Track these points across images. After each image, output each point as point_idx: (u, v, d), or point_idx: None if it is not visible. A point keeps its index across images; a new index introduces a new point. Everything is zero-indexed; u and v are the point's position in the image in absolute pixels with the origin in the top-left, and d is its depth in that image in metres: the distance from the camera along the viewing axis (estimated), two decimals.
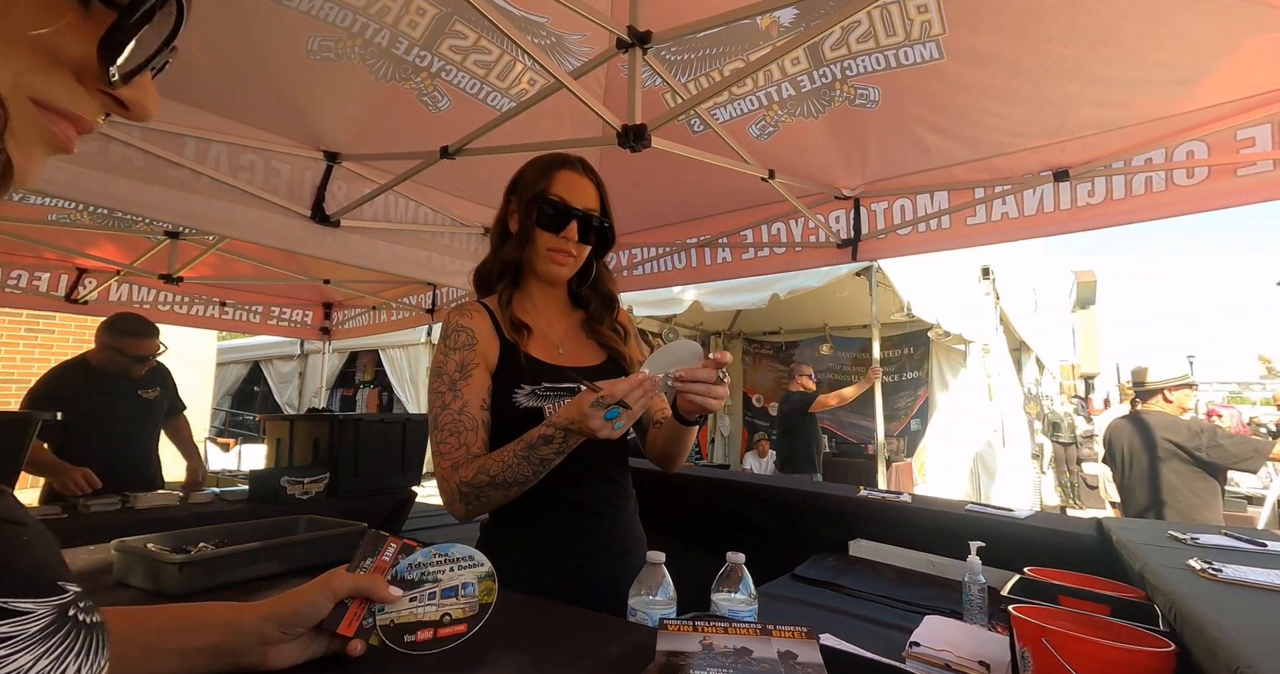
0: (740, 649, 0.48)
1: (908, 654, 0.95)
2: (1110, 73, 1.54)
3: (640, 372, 0.83)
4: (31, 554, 0.27)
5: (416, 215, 2.35)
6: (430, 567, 0.58)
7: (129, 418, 2.35)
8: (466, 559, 0.60)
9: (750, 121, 2.08)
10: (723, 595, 0.79)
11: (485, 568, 0.60)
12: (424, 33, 1.76)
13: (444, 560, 0.59)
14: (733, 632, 0.51)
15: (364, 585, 0.54)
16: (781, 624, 0.52)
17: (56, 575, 0.27)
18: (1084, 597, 0.95)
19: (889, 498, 1.78)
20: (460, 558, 0.60)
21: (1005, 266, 5.39)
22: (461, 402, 0.94)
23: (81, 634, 0.27)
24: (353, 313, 4.34)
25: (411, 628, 0.55)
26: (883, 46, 1.74)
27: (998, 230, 2.01)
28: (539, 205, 1.00)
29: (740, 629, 0.52)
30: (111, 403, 2.31)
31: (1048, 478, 6.91)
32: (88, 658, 0.27)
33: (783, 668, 0.45)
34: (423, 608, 0.56)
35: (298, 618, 0.52)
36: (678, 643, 0.50)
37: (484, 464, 0.88)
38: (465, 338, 0.98)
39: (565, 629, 0.63)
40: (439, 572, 0.58)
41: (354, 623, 0.53)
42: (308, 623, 0.53)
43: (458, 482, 0.89)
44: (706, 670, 0.45)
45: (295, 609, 0.52)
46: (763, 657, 0.47)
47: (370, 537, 0.59)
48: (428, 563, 0.58)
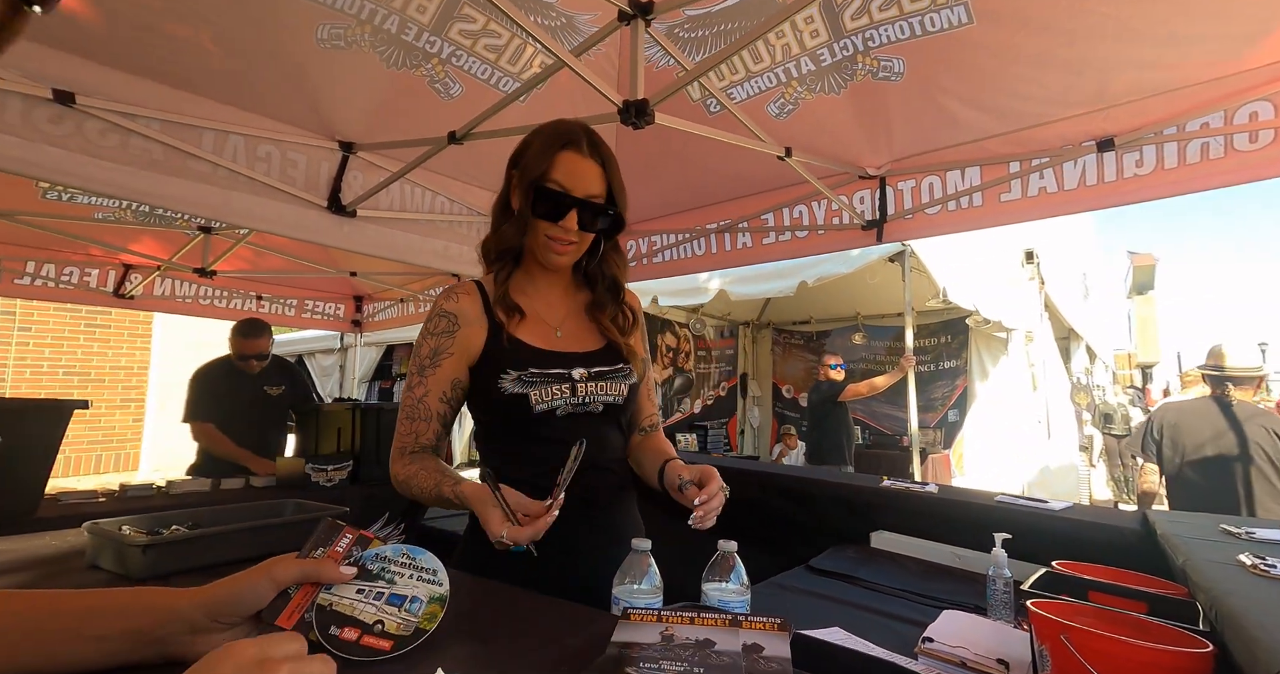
0: (703, 641, 0.45)
1: (920, 650, 0.90)
2: (1159, 30, 1.41)
3: (546, 506, 0.78)
4: None
5: (433, 205, 2.37)
6: (393, 565, 0.55)
7: (252, 411, 2.70)
8: (429, 572, 0.57)
9: (768, 100, 2.00)
10: (713, 585, 0.75)
11: (442, 590, 0.56)
12: (432, 17, 1.75)
13: (408, 564, 0.56)
14: (699, 622, 0.48)
15: (311, 569, 0.51)
16: (755, 616, 0.49)
17: None
18: (1118, 593, 0.88)
19: (913, 488, 1.70)
20: (425, 569, 0.57)
21: (1051, 250, 5.10)
22: (424, 389, 0.96)
23: None
24: (382, 305, 4.44)
25: (341, 621, 0.52)
26: (906, 13, 1.64)
27: (1036, 206, 1.88)
28: (537, 193, 0.94)
29: (708, 620, 0.48)
30: (239, 397, 2.68)
31: (1098, 472, 6.58)
32: None
33: (742, 661, 0.41)
34: (364, 604, 0.53)
35: (234, 606, 0.48)
36: (636, 634, 0.47)
37: (413, 476, 0.92)
38: (445, 324, 0.96)
39: (527, 618, 0.61)
40: (398, 574, 0.55)
41: (295, 615, 0.50)
42: (245, 612, 0.49)
43: (394, 471, 0.96)
44: (656, 664, 0.41)
45: (232, 595, 0.49)
46: (724, 650, 0.43)
47: (326, 524, 0.56)
48: (394, 559, 0.56)
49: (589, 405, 0.97)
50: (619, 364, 1.01)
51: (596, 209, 0.96)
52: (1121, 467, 6.90)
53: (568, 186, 0.94)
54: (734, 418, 7.32)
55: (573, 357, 0.98)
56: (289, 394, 2.81)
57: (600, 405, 0.98)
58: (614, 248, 1.05)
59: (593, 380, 0.97)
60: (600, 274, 1.05)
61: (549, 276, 1.04)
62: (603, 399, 0.98)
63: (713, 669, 0.40)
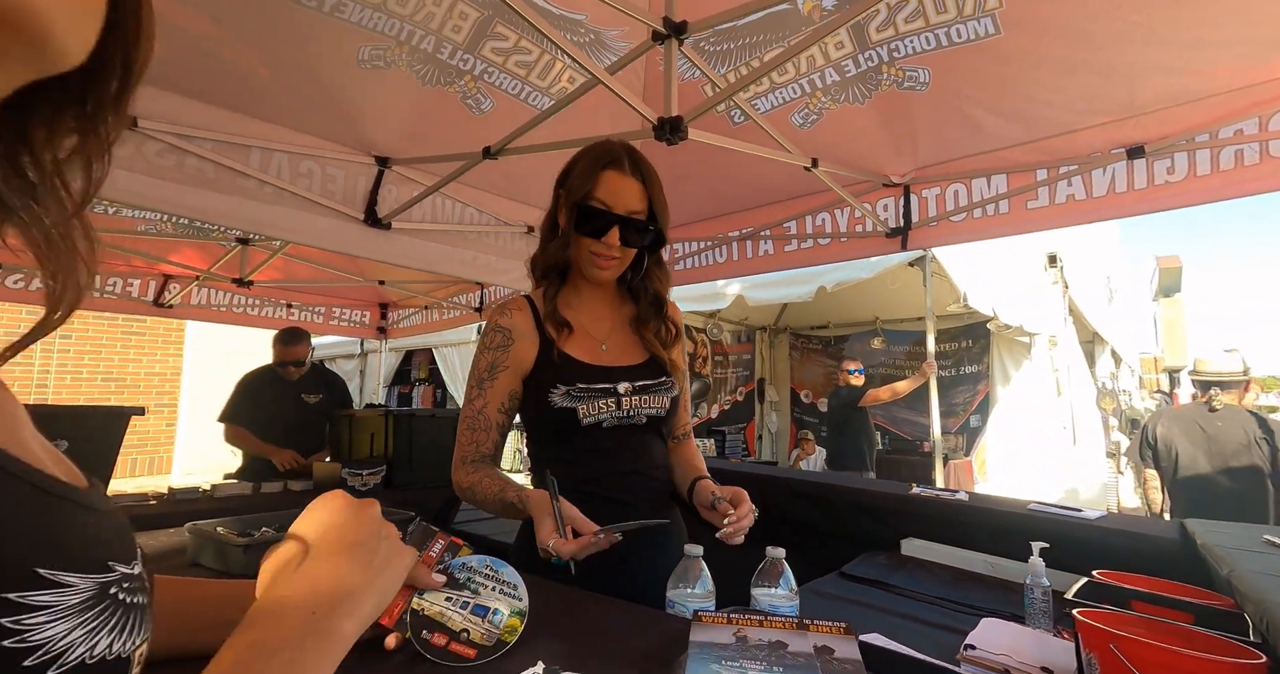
0: (775, 642, 0.47)
1: (962, 657, 0.91)
2: (1188, 37, 1.41)
3: (599, 535, 0.80)
4: (87, 535, 0.29)
5: (463, 216, 2.42)
6: (478, 575, 0.59)
7: (291, 417, 2.84)
8: (511, 587, 0.60)
9: (793, 110, 2.03)
10: (763, 590, 0.78)
11: (522, 604, 0.60)
12: (467, 36, 1.80)
13: (491, 577, 0.60)
14: (768, 625, 0.50)
15: (411, 574, 0.53)
16: (819, 620, 0.51)
17: (110, 556, 0.29)
18: (1163, 603, 0.88)
19: (944, 496, 1.70)
20: (506, 582, 0.60)
21: (1075, 254, 5.04)
22: (484, 401, 1.00)
23: (119, 612, 0.29)
24: (407, 313, 4.52)
25: (432, 626, 0.55)
26: (933, 25, 1.65)
27: (1063, 214, 1.88)
28: (580, 211, 0.99)
29: (776, 623, 0.51)
30: (279, 403, 2.84)
31: (1125, 478, 6.44)
32: (121, 635, 0.28)
33: (818, 662, 0.44)
34: (452, 612, 0.56)
35: None
36: (711, 635, 0.50)
37: (477, 483, 0.96)
38: (500, 339, 1.01)
39: (601, 619, 0.64)
40: (482, 585, 0.59)
41: (395, 613, 0.54)
42: None
43: (457, 478, 1.00)
44: (738, 663, 0.44)
45: None
46: (798, 651, 0.46)
47: (420, 529, 0.60)
48: (479, 570, 0.59)
49: (633, 418, 1.00)
50: (662, 377, 1.04)
51: (637, 225, 1.00)
52: None
53: (610, 204, 0.98)
54: (751, 423, 7.30)
55: (618, 371, 1.01)
56: (326, 402, 2.93)
57: (644, 417, 1.01)
58: (657, 262, 1.09)
59: (637, 394, 1.01)
60: (643, 288, 1.09)
61: (594, 291, 1.08)
62: (646, 412, 1.01)
63: (790, 669, 0.43)
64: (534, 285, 1.09)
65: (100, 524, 0.30)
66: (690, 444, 1.16)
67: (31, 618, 0.24)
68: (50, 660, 0.25)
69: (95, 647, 0.27)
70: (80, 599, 0.27)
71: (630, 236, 1.00)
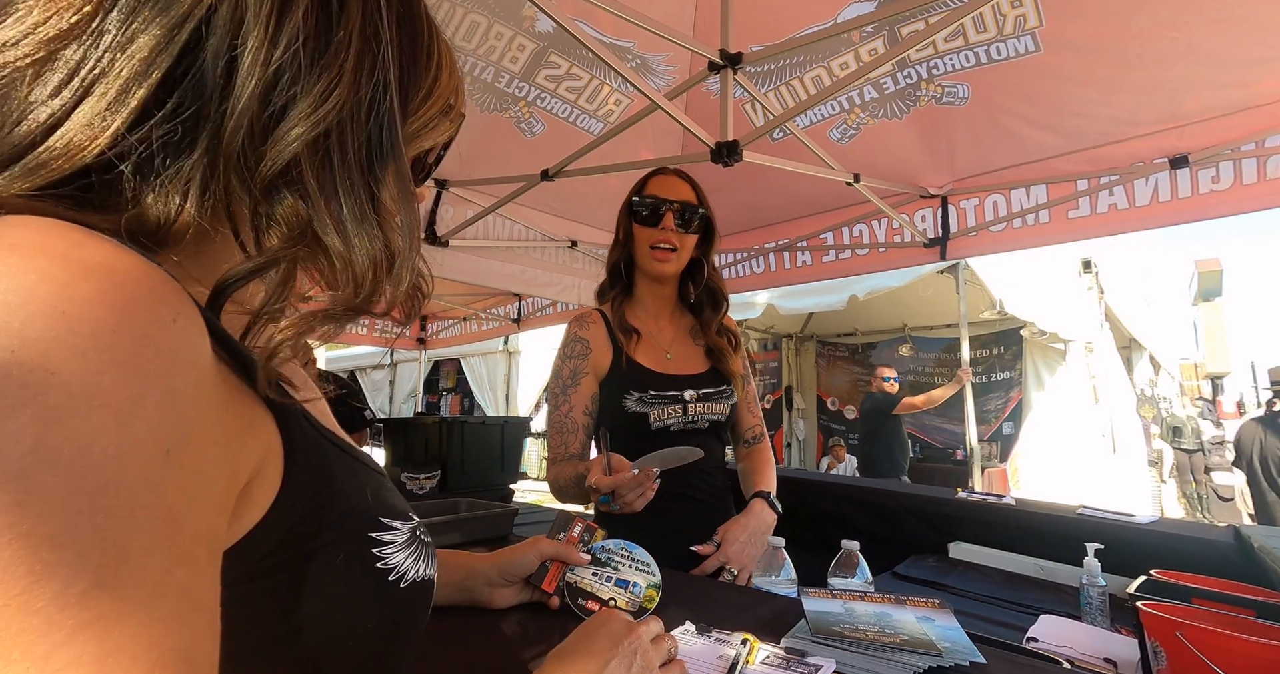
0: (879, 613, 0.54)
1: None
2: (1231, 53, 1.45)
3: (632, 472, 0.87)
4: (395, 495, 0.41)
5: (511, 232, 2.54)
6: (616, 556, 0.70)
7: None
8: (644, 565, 0.71)
9: (831, 126, 2.10)
10: (840, 580, 0.84)
11: (656, 579, 0.70)
12: (523, 66, 1.92)
13: (627, 557, 0.71)
14: (869, 599, 0.57)
15: (562, 551, 0.67)
16: (914, 597, 0.58)
17: (407, 510, 0.41)
18: (1223, 599, 0.92)
19: (990, 500, 1.74)
20: (640, 561, 0.71)
21: (1110, 259, 4.97)
22: (569, 406, 1.09)
23: (424, 547, 0.41)
24: (446, 323, 4.67)
25: (585, 595, 0.67)
26: (972, 44, 1.71)
27: (1105, 223, 1.91)
28: (634, 205, 1.10)
29: (875, 598, 0.57)
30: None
31: (1169, 488, 6.27)
32: (428, 563, 0.40)
33: (923, 625, 0.51)
34: (599, 585, 0.67)
35: (515, 569, 0.66)
36: (822, 605, 0.57)
37: (560, 473, 1.04)
38: (580, 348, 1.10)
39: (721, 595, 0.72)
40: (620, 563, 0.70)
41: (553, 582, 0.66)
42: (521, 574, 0.67)
43: (549, 477, 1.09)
44: (853, 626, 0.51)
45: (513, 561, 0.67)
46: (901, 618, 0.52)
47: (562, 516, 0.73)
48: (616, 551, 0.70)
49: (697, 423, 1.09)
50: (723, 386, 1.13)
51: (689, 208, 1.10)
52: (1194, 482, 6.56)
53: (660, 195, 1.10)
54: (779, 431, 7.30)
55: (684, 379, 1.10)
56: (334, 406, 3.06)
57: (706, 422, 1.10)
58: (713, 266, 1.20)
59: (701, 401, 1.09)
60: (706, 293, 1.18)
61: (657, 303, 1.17)
62: (709, 417, 1.09)
63: (900, 631, 0.49)
64: (599, 303, 1.19)
65: (391, 486, 0.42)
66: (761, 450, 1.23)
67: (384, 550, 0.36)
68: (400, 577, 0.37)
69: (420, 571, 0.39)
70: (404, 538, 0.38)
71: (683, 221, 1.10)
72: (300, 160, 0.30)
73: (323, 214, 0.31)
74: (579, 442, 1.08)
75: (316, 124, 0.30)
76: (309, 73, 0.30)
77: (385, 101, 0.33)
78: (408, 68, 0.35)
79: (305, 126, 0.29)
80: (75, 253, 0.24)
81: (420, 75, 0.36)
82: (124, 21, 0.27)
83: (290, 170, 0.30)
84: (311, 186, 0.30)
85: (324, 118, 0.30)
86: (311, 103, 0.30)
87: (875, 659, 0.47)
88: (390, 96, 0.33)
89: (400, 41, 0.34)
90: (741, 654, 0.49)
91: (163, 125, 0.27)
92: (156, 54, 0.27)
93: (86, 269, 0.23)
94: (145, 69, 0.27)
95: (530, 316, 3.95)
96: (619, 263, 1.15)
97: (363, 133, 0.32)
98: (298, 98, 0.29)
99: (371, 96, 0.32)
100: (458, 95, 0.40)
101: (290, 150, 0.29)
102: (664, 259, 1.09)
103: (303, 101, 0.29)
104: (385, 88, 0.32)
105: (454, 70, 0.39)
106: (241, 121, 0.28)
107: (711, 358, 1.16)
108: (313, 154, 0.30)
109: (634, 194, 1.13)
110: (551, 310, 3.73)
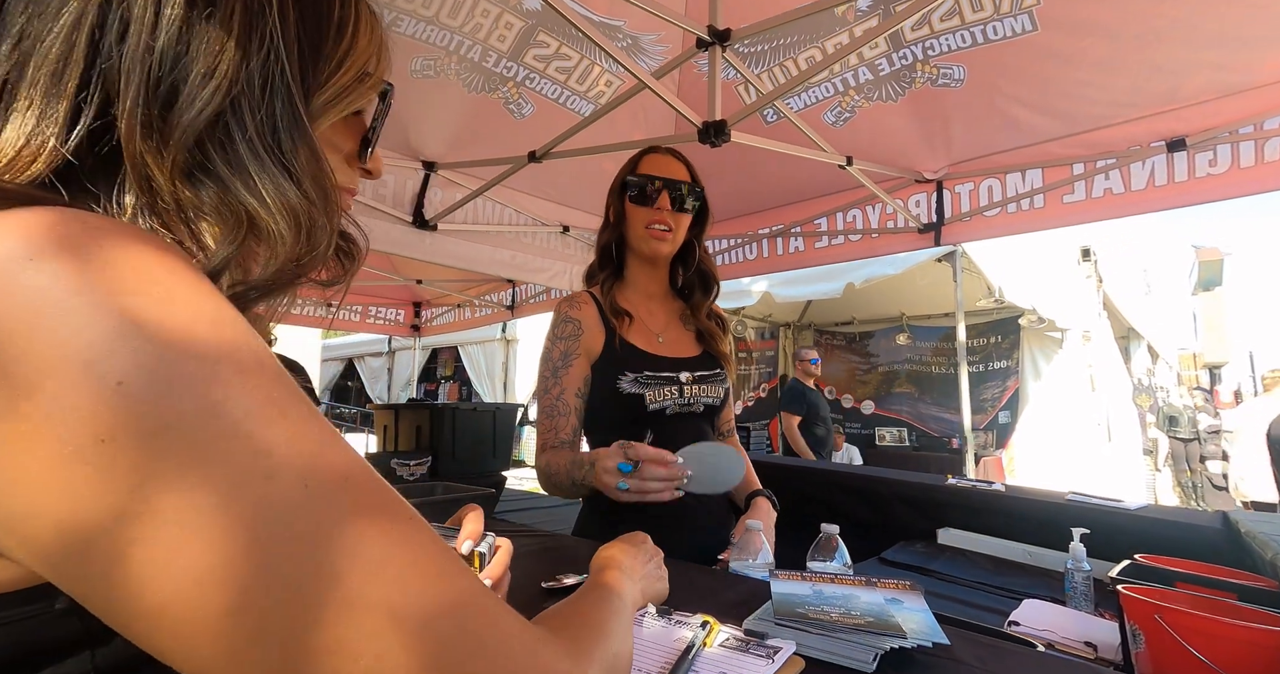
0: (847, 594, 0.53)
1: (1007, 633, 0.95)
2: (1232, 33, 1.42)
3: (675, 460, 0.83)
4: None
5: (502, 216, 2.51)
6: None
7: None
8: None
9: (825, 108, 2.06)
10: (818, 564, 0.83)
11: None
12: (511, 45, 1.88)
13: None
14: (839, 582, 0.56)
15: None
16: (885, 579, 0.57)
17: None
18: (1206, 583, 0.91)
19: (980, 486, 1.73)
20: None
21: (1110, 247, 4.94)
22: (560, 388, 1.05)
23: None
24: (439, 311, 4.65)
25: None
26: (969, 23, 1.68)
27: (1100, 207, 1.88)
28: (628, 184, 1.07)
29: (845, 580, 0.56)
30: None
31: (1163, 476, 6.30)
32: None
33: (891, 608, 0.50)
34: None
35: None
36: (791, 588, 0.56)
37: (551, 462, 1.00)
38: (572, 329, 1.07)
39: (693, 578, 0.70)
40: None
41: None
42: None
43: (537, 464, 1.04)
44: (819, 608, 0.50)
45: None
46: (870, 600, 0.51)
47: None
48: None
49: (692, 406, 1.07)
50: (717, 369, 1.11)
51: (687, 187, 1.07)
52: (1189, 471, 6.59)
53: (655, 174, 1.06)
54: (775, 419, 7.31)
55: (679, 361, 1.08)
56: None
57: (701, 406, 1.08)
58: (704, 249, 1.17)
59: (696, 383, 1.07)
60: (697, 276, 1.15)
61: (649, 286, 1.15)
62: (704, 401, 1.07)
63: (866, 613, 0.48)
64: (588, 285, 1.16)
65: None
66: (734, 444, 1.22)
67: None
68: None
69: None
70: None
71: (679, 200, 1.07)
72: (205, 144, 0.29)
73: (241, 193, 0.30)
74: (570, 426, 1.04)
75: (205, 105, 0.29)
76: (197, 52, 0.29)
77: (281, 75, 0.32)
78: (309, 37, 0.34)
79: (194, 110, 0.29)
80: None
81: (326, 43, 0.35)
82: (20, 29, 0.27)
83: (196, 157, 0.29)
84: (223, 170, 0.30)
85: (211, 98, 0.29)
86: (198, 82, 0.29)
87: (837, 641, 0.46)
88: (284, 68, 0.32)
89: (299, 12, 0.33)
90: (699, 637, 0.48)
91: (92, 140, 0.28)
92: (63, 62, 0.27)
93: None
94: (57, 78, 0.27)
95: (524, 303, 3.93)
96: (610, 244, 1.12)
97: (259, 107, 0.31)
98: (179, 85, 0.29)
99: (264, 70, 0.31)
100: (377, 61, 0.39)
101: (190, 135, 0.29)
102: (661, 238, 1.06)
103: (188, 85, 0.29)
104: (278, 58, 0.32)
105: (374, 37, 0.39)
106: (134, 121, 0.28)
107: (702, 342, 1.14)
108: (213, 135, 0.30)
109: (627, 173, 1.09)
110: (546, 297, 3.71)
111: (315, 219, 0.33)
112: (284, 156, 0.32)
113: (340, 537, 0.24)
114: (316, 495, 0.24)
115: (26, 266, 0.22)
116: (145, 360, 0.22)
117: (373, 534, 0.25)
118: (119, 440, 0.21)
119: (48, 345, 0.21)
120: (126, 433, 0.21)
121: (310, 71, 0.35)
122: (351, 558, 0.24)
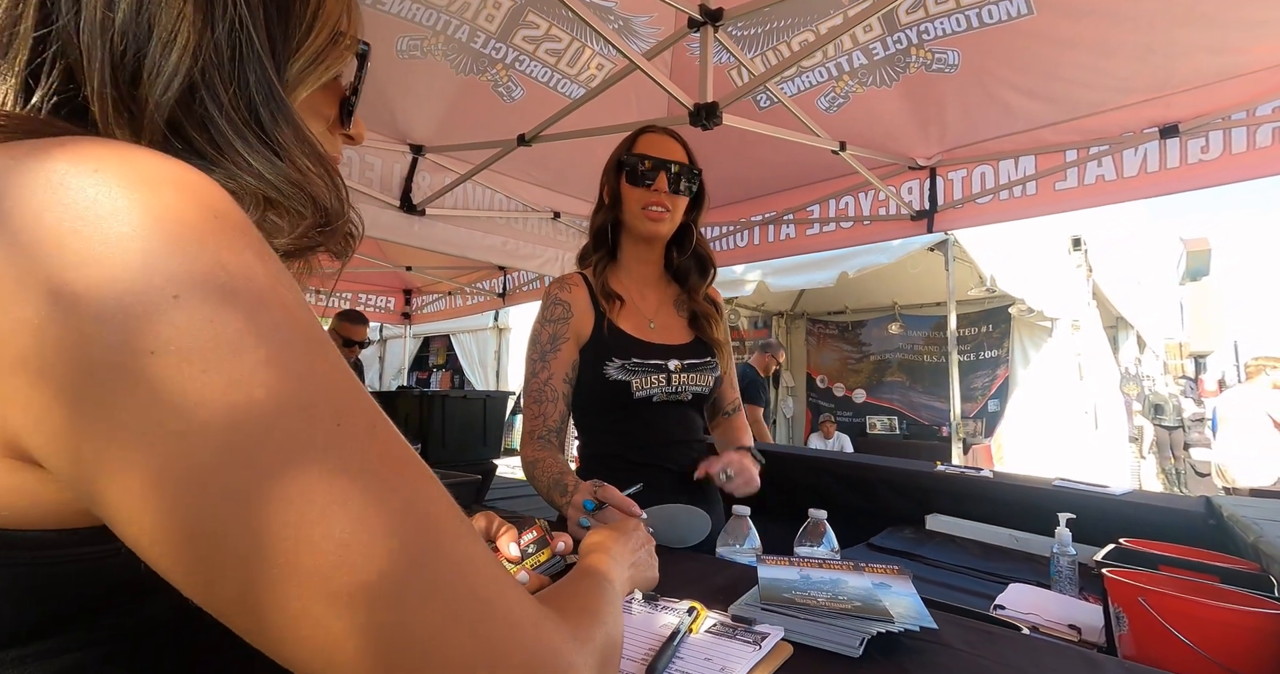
0: (835, 579, 0.52)
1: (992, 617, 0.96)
2: (1228, 15, 1.41)
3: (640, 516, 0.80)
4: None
5: (492, 202, 2.48)
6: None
7: None
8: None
9: (819, 94, 2.04)
10: (806, 549, 0.83)
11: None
12: (499, 25, 1.84)
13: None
14: (827, 566, 0.56)
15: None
16: (874, 564, 0.56)
17: None
18: (1189, 567, 0.92)
19: (968, 472, 1.74)
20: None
21: (1100, 236, 4.97)
22: (549, 373, 1.03)
23: None
24: (430, 298, 4.61)
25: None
26: (964, 6, 1.65)
27: (1092, 194, 1.88)
28: (625, 164, 1.04)
29: (833, 565, 0.56)
30: None
31: (1148, 463, 6.40)
32: None
33: (877, 593, 0.49)
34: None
35: None
36: (778, 573, 0.55)
37: (541, 461, 0.97)
38: (561, 311, 1.05)
39: (682, 564, 0.70)
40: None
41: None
42: None
43: (524, 453, 1.02)
44: (806, 592, 0.50)
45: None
46: (857, 585, 0.51)
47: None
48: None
49: (680, 394, 1.05)
50: (707, 357, 1.09)
51: (685, 169, 1.04)
52: (1173, 458, 6.70)
53: (653, 155, 1.04)
54: (763, 408, 7.33)
55: (668, 349, 1.06)
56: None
57: (689, 394, 1.06)
58: (702, 236, 1.15)
59: (685, 372, 1.06)
60: (693, 259, 1.13)
61: (642, 269, 1.13)
62: (692, 389, 1.06)
63: (854, 598, 0.48)
64: (580, 267, 1.14)
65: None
66: (739, 418, 1.21)
67: None
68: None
69: None
70: None
71: (677, 182, 1.04)
72: (182, 126, 0.28)
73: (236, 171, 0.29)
74: (558, 412, 1.02)
75: (172, 75, 0.27)
76: (155, 20, 0.27)
77: (249, 43, 0.30)
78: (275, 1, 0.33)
79: (161, 82, 0.27)
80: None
81: (294, 3, 0.33)
82: None
83: (177, 143, 0.28)
84: (208, 151, 0.29)
85: (177, 68, 0.27)
86: (159, 51, 0.27)
87: (825, 626, 0.46)
88: (252, 36, 0.30)
89: None
90: (685, 623, 0.48)
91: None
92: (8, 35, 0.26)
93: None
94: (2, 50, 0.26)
95: (515, 291, 3.90)
96: (604, 225, 1.10)
97: (231, 79, 0.30)
98: (143, 59, 0.27)
99: (232, 37, 0.30)
100: (348, 20, 0.37)
101: (162, 111, 0.27)
102: (658, 219, 1.04)
103: (149, 56, 0.27)
104: (243, 23, 0.30)
105: None
106: (106, 103, 0.26)
107: (695, 328, 1.12)
108: (190, 113, 0.28)
109: (624, 151, 1.06)
110: (538, 285, 3.68)
111: (321, 187, 0.33)
112: (265, 132, 0.31)
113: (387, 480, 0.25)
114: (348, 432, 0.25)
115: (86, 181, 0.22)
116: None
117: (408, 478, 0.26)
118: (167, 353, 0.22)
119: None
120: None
121: (281, 37, 0.33)
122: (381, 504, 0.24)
